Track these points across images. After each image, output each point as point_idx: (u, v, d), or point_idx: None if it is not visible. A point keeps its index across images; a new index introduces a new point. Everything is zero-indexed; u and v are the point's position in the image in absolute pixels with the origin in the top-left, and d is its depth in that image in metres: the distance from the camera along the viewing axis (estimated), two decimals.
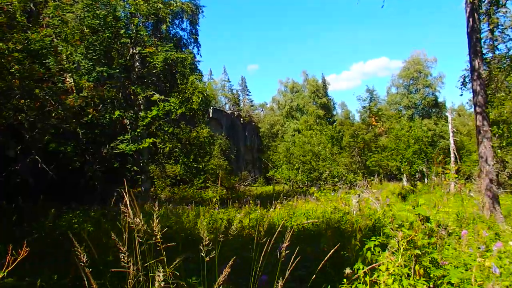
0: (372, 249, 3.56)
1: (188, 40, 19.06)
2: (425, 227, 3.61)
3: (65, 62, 15.14)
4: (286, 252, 2.96)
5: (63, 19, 15.48)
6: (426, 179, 38.02)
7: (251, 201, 15.24)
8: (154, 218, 2.52)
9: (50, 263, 5.01)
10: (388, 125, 41.17)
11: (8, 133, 9.11)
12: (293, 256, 2.79)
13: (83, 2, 15.33)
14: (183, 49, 18.80)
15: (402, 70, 57.84)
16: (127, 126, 16.86)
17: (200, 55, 19.34)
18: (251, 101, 77.69)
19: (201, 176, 24.78)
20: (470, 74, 11.42)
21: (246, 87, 77.25)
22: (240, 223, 9.48)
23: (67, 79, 14.82)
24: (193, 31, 19.02)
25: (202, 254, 2.67)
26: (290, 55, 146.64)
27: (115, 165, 16.32)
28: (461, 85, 14.27)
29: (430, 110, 55.45)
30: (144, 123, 16.43)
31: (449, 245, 4.25)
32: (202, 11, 19.07)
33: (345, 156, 32.21)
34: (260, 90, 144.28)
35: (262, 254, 2.99)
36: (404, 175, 33.57)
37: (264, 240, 2.98)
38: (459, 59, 67.30)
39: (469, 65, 11.60)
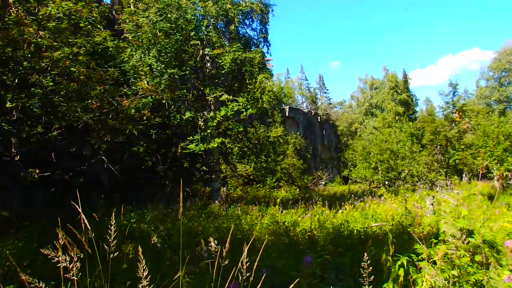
0: (405, 266, 3.09)
1: (258, 40, 18.95)
2: (468, 242, 3.10)
3: (139, 65, 15.75)
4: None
5: (137, 24, 16.12)
6: None
7: (318, 202, 14.84)
8: (112, 222, 2.27)
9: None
10: (474, 121, 38.29)
11: (70, 133, 9.57)
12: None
13: (155, 7, 15.81)
14: (253, 48, 18.76)
15: (493, 62, 53.53)
16: (198, 128, 17.14)
17: (270, 54, 19.16)
18: (329, 99, 76.50)
19: (274, 175, 24.66)
20: None
21: (324, 84, 76.23)
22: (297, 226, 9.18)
23: (143, 82, 15.34)
24: (263, 30, 18.87)
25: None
26: (373, 51, 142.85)
27: (185, 165, 16.68)
28: None
29: None
30: (214, 124, 16.60)
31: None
32: (272, 10, 18.84)
33: (425, 154, 30.34)
34: (341, 88, 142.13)
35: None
36: (495, 174, 30.94)
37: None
38: None
39: None
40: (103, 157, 11.14)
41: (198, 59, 16.99)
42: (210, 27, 16.74)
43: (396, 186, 29.02)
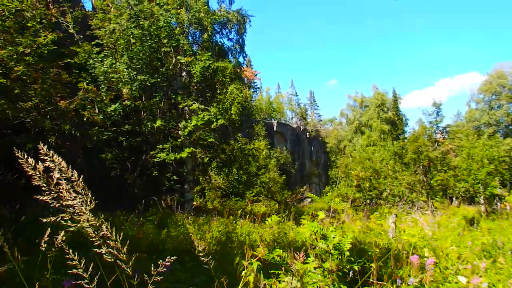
0: (255, 271, 2.82)
1: (235, 50, 18.85)
2: (318, 247, 2.89)
3: (111, 71, 15.50)
4: None
5: (108, 30, 15.96)
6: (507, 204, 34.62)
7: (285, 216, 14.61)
8: None
9: None
10: (457, 143, 38.24)
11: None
12: None
13: (127, 13, 15.67)
14: (230, 58, 18.65)
15: (483, 85, 53.63)
16: (170, 137, 16.89)
17: (246, 65, 19.05)
18: (319, 115, 76.60)
19: (249, 188, 24.31)
20: None
21: (315, 101, 76.39)
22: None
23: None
24: (240, 40, 18.79)
25: None
26: (370, 72, 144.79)
27: (154, 174, 16.37)
28: (504, 91, 12.50)
29: None
30: (185, 133, 16.37)
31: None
32: (250, 21, 18.79)
33: (407, 174, 30.19)
34: (336, 106, 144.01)
35: None
36: (482, 198, 30.80)
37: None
38: None
39: None
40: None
41: (170, 67, 16.78)
42: (183, 34, 16.61)
43: (377, 205, 28.77)
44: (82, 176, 2.24)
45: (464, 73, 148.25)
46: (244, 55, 18.99)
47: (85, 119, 11.37)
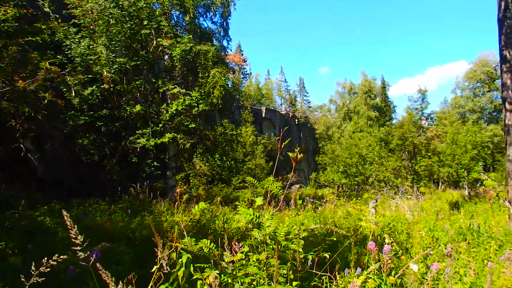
0: (185, 264, 2.53)
1: (219, 33, 18.39)
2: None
3: (88, 53, 14.94)
4: None
5: (85, 9, 15.37)
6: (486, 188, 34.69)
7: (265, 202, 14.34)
8: None
9: None
10: (442, 129, 38.45)
11: None
12: None
13: None
14: (214, 42, 18.19)
15: (468, 72, 54.54)
16: (150, 122, 16.43)
17: (230, 49, 18.66)
18: (309, 102, 76.36)
19: (233, 174, 24.03)
20: (499, 67, 9.71)
21: (304, 87, 75.98)
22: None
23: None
24: (224, 24, 18.33)
25: None
26: (362, 59, 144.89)
27: (133, 160, 15.95)
28: (487, 79, 12.37)
29: (498, 115, 51.54)
30: (166, 117, 15.95)
31: None
32: (234, 4, 18.32)
33: (392, 160, 30.24)
34: (327, 93, 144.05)
35: None
36: (465, 183, 31.01)
37: None
38: None
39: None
40: (21, 145, 10.36)
41: (151, 49, 16.26)
42: (164, 16, 16.07)
43: (363, 190, 28.78)
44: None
45: (453, 62, 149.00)
46: (228, 38, 18.57)
47: (46, 101, 10.74)
